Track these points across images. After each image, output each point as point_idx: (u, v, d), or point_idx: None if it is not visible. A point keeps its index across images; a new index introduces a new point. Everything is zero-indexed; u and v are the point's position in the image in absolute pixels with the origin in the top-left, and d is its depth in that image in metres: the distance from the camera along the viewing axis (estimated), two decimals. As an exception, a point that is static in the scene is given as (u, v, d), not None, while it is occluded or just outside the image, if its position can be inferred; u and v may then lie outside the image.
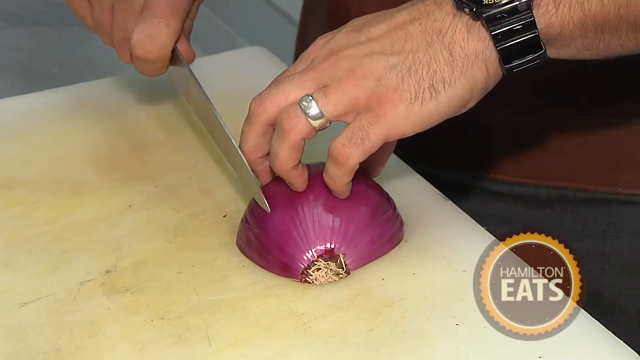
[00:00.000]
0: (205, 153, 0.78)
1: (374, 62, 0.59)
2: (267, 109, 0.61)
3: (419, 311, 0.59)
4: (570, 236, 0.80)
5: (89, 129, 0.82)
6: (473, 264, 0.61)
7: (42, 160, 0.77)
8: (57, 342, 0.58)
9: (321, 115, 0.59)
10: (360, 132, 0.59)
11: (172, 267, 0.64)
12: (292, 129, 0.60)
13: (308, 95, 0.59)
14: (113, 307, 0.61)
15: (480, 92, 0.60)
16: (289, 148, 0.60)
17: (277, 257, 0.62)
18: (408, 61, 0.59)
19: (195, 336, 0.58)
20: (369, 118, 0.59)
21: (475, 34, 0.59)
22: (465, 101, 0.60)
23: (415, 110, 0.58)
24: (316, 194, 0.63)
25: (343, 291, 0.61)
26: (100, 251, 0.66)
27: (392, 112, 0.58)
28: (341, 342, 0.57)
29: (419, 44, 0.59)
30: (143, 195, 0.72)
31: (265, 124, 0.61)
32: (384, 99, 0.58)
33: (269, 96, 0.61)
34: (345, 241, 0.62)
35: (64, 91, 0.88)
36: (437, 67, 0.58)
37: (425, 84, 0.58)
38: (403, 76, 0.58)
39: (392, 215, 0.65)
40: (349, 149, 0.59)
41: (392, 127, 0.59)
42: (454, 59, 0.58)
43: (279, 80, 0.62)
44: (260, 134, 0.62)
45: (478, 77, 0.59)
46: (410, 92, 0.58)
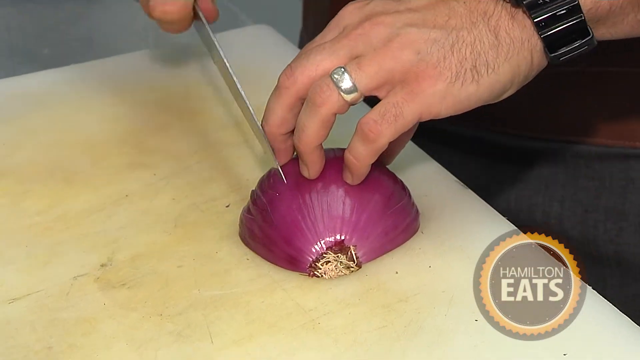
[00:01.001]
0: (207, 139, 0.78)
1: (413, 34, 0.59)
2: (297, 81, 0.60)
3: (436, 306, 0.59)
4: (586, 193, 0.80)
5: (82, 113, 0.82)
6: (494, 256, 0.61)
7: (32, 147, 0.77)
8: (49, 341, 0.58)
9: (354, 89, 0.59)
10: (393, 108, 0.58)
11: (171, 260, 0.64)
12: (323, 103, 0.59)
13: (340, 68, 0.59)
14: (108, 303, 0.61)
15: (521, 81, 0.60)
16: (318, 123, 0.60)
17: (284, 249, 0.62)
18: (451, 38, 0.58)
19: (196, 333, 0.58)
20: (404, 94, 0.58)
21: (520, 21, 0.59)
22: (505, 89, 0.60)
23: (454, 90, 0.58)
24: (325, 181, 0.63)
25: (354, 285, 0.61)
26: (94, 244, 0.66)
27: (429, 89, 0.58)
28: (352, 339, 0.57)
29: (464, 22, 0.59)
30: (140, 184, 0.72)
31: (294, 97, 0.61)
32: (423, 75, 0.58)
33: (298, 67, 0.61)
34: (356, 232, 0.62)
35: (56, 73, 0.88)
36: (481, 49, 0.58)
37: (468, 64, 0.58)
38: (445, 53, 0.58)
39: (407, 205, 0.65)
40: (381, 125, 0.58)
41: (428, 106, 0.58)
42: (500, 44, 0.58)
43: (308, 50, 0.61)
44: (288, 108, 0.62)
45: (522, 66, 0.59)
46: (451, 70, 0.58)
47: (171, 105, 0.83)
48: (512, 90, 0.60)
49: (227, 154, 0.76)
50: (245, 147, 0.77)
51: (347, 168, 0.62)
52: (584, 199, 0.81)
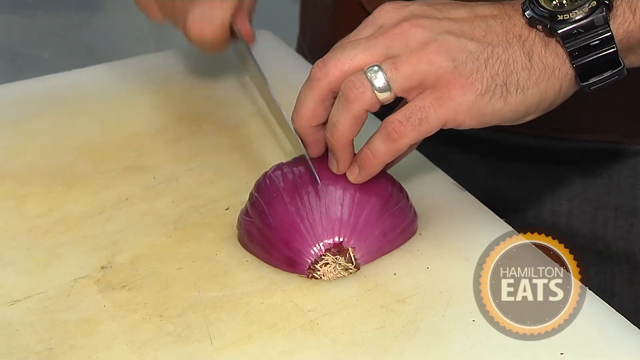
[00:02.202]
0: (206, 142, 0.78)
1: (451, 41, 0.59)
2: (330, 73, 0.61)
3: (433, 307, 0.59)
4: (595, 191, 0.80)
5: (83, 118, 0.82)
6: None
7: (33, 151, 0.78)
8: (50, 342, 0.58)
9: (388, 88, 0.59)
10: (420, 112, 0.59)
11: (171, 262, 0.65)
12: (356, 99, 0.59)
13: (375, 65, 0.59)
14: (109, 304, 0.61)
15: (545, 107, 0.61)
16: (351, 119, 0.60)
17: (282, 251, 0.63)
18: (486, 52, 0.59)
19: (196, 334, 0.58)
20: (433, 99, 0.59)
21: (552, 49, 0.60)
22: (528, 112, 0.60)
23: (482, 103, 0.59)
24: (323, 183, 0.63)
25: (353, 286, 0.62)
26: (94, 246, 0.66)
27: (458, 98, 0.59)
28: (350, 340, 0.57)
29: (500, 40, 0.60)
30: (140, 186, 0.73)
31: (326, 89, 0.61)
32: (454, 83, 0.59)
33: (332, 59, 0.61)
34: (354, 234, 0.63)
35: (57, 78, 0.89)
36: (514, 69, 0.59)
37: (499, 80, 0.59)
38: (479, 66, 0.59)
39: (405, 207, 0.65)
40: (405, 127, 0.59)
41: (454, 114, 0.59)
42: (532, 67, 0.59)
43: (342, 44, 0.62)
44: (319, 100, 0.62)
45: (549, 93, 0.60)
46: (482, 83, 0.59)
47: (171, 109, 0.84)
48: (534, 115, 0.61)
49: (227, 157, 0.76)
50: (244, 151, 0.77)
51: (358, 163, 0.62)
52: (593, 196, 0.82)
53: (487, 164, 0.84)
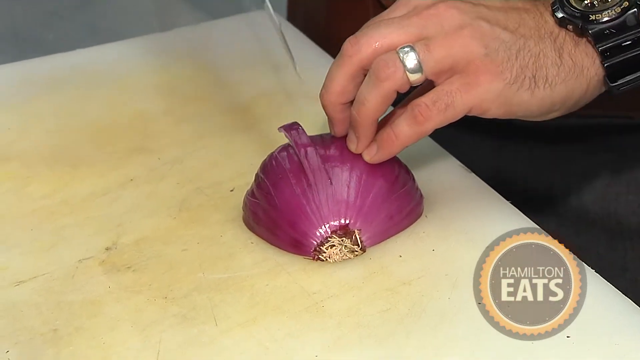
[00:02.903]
0: (211, 123, 0.78)
1: (485, 28, 0.59)
2: (362, 50, 0.60)
3: (439, 290, 0.59)
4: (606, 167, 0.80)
5: (87, 99, 0.82)
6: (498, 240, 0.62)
7: (37, 132, 0.78)
8: (55, 323, 0.58)
9: (419, 70, 0.59)
10: (446, 97, 0.59)
11: (176, 244, 0.65)
12: (387, 78, 0.59)
13: (407, 46, 0.59)
14: (113, 286, 0.61)
15: (570, 106, 0.61)
16: (379, 97, 0.60)
17: (288, 233, 0.63)
18: (519, 44, 0.59)
19: (201, 316, 0.58)
20: (460, 85, 0.59)
21: (582, 49, 0.60)
22: (553, 108, 0.61)
23: (509, 92, 0.59)
24: (330, 165, 0.63)
25: (358, 269, 0.61)
26: (99, 227, 0.66)
27: (486, 85, 0.59)
28: (356, 322, 0.57)
29: (532, 34, 0.60)
30: (145, 168, 0.73)
31: (356, 66, 0.61)
32: (483, 70, 0.59)
33: (364, 37, 0.60)
34: (360, 216, 0.63)
35: (61, 58, 0.88)
36: (543, 63, 0.59)
37: (528, 72, 0.59)
38: (510, 55, 0.59)
39: (411, 189, 0.65)
40: (431, 111, 0.59)
41: (480, 100, 0.59)
42: (562, 64, 0.60)
43: (375, 22, 0.61)
44: (350, 77, 0.61)
45: (576, 92, 0.60)
46: (511, 73, 0.59)
47: (176, 90, 0.83)
48: (558, 113, 0.61)
49: (232, 139, 0.76)
50: (250, 132, 0.77)
51: (378, 143, 0.62)
52: (604, 172, 0.82)
53: (493, 142, 0.84)
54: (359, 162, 0.63)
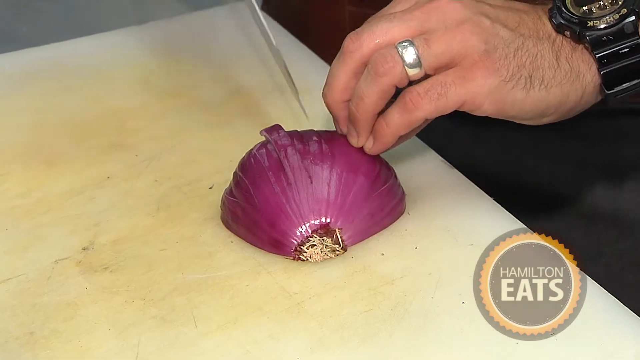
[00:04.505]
0: (189, 119, 0.78)
1: (486, 23, 0.59)
2: (363, 46, 0.60)
3: (422, 289, 0.59)
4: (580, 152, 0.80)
5: (62, 94, 0.82)
6: (480, 237, 0.61)
7: (11, 128, 0.77)
8: (30, 326, 0.58)
9: (418, 64, 0.59)
10: (440, 87, 0.59)
11: (154, 243, 0.64)
12: (385, 73, 0.59)
13: (406, 41, 0.59)
14: (90, 287, 0.60)
15: (564, 112, 0.61)
16: (378, 92, 0.60)
17: (268, 232, 0.62)
18: (517, 42, 0.59)
19: (180, 318, 0.58)
20: (455, 77, 0.59)
21: (579, 55, 0.60)
22: (548, 111, 0.61)
23: (503, 90, 0.59)
24: (309, 163, 0.63)
25: (340, 268, 0.61)
26: (76, 227, 0.66)
27: (481, 80, 0.59)
28: (338, 323, 0.57)
29: (531, 34, 0.60)
30: (122, 165, 0.72)
31: (359, 62, 0.61)
32: (480, 65, 0.59)
33: (366, 32, 0.60)
34: (341, 215, 0.62)
35: (35, 52, 0.88)
36: (540, 64, 0.59)
37: (525, 72, 0.59)
38: (507, 53, 0.59)
39: (393, 186, 0.65)
40: (423, 99, 0.59)
41: (473, 95, 0.59)
42: (559, 67, 0.60)
43: (376, 18, 0.61)
44: (352, 74, 0.61)
45: (571, 97, 0.60)
46: (508, 70, 0.59)
47: (152, 85, 0.83)
48: (551, 118, 0.61)
49: (210, 135, 0.75)
50: (229, 128, 0.76)
51: (373, 134, 0.62)
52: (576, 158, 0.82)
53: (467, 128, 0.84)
54: (339, 160, 0.63)
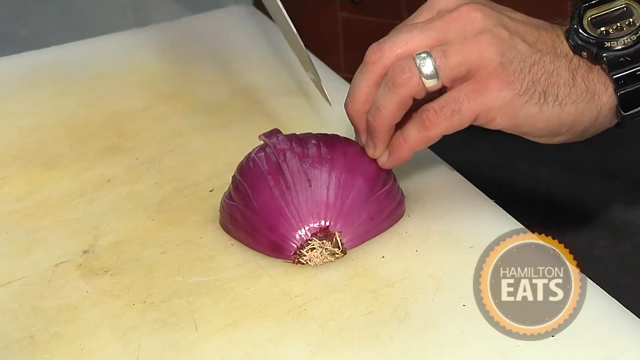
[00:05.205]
0: (189, 121, 0.78)
1: (504, 36, 0.59)
2: (385, 57, 0.61)
3: (423, 291, 0.59)
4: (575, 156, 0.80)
5: (62, 96, 0.81)
6: (481, 240, 0.61)
7: (10, 131, 0.77)
8: (31, 329, 0.58)
9: (435, 76, 0.59)
10: (454, 103, 0.59)
11: (154, 246, 0.64)
12: (402, 84, 0.59)
13: (424, 52, 0.59)
14: (91, 290, 0.60)
15: (578, 132, 0.61)
16: (396, 104, 0.60)
17: (267, 236, 0.62)
18: (534, 57, 0.60)
19: (181, 321, 0.58)
20: (468, 91, 0.59)
21: (595, 75, 0.60)
22: (561, 130, 0.61)
23: (516, 104, 0.59)
24: (308, 166, 0.63)
25: (340, 271, 0.61)
26: (76, 230, 0.66)
27: (495, 92, 0.59)
28: (339, 325, 0.57)
29: (549, 50, 0.60)
30: (122, 168, 0.72)
31: (381, 73, 0.61)
32: (494, 77, 0.59)
33: (387, 43, 0.61)
34: (340, 218, 0.62)
35: (35, 55, 0.87)
36: (556, 81, 0.59)
37: (539, 87, 0.59)
38: (523, 67, 0.59)
39: (392, 189, 0.65)
40: (439, 117, 0.59)
41: (487, 108, 0.59)
42: (574, 85, 0.60)
43: (399, 29, 0.62)
44: (374, 84, 0.61)
45: (585, 117, 0.60)
46: (522, 84, 0.59)
47: (153, 87, 0.83)
48: (564, 137, 0.61)
49: (210, 137, 0.75)
50: (228, 130, 0.76)
51: (389, 148, 0.62)
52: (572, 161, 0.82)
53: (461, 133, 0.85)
54: (338, 164, 0.63)
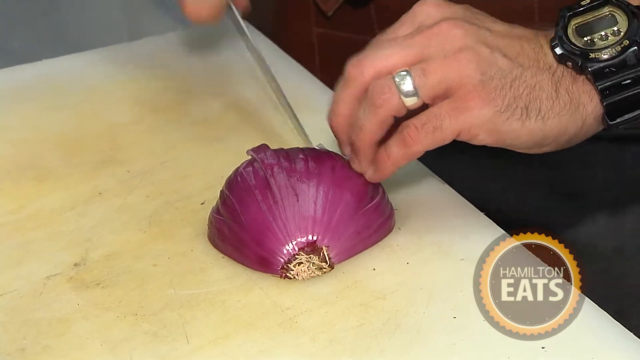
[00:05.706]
0: (181, 134, 0.78)
1: (485, 53, 0.59)
2: (364, 73, 0.61)
3: (414, 304, 0.59)
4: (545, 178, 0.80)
5: (54, 109, 0.82)
6: (471, 252, 0.61)
7: (2, 144, 0.77)
8: (22, 342, 0.57)
9: (415, 94, 0.59)
10: (435, 120, 0.59)
11: (146, 259, 0.64)
12: (382, 104, 0.60)
13: (404, 70, 0.59)
14: (82, 303, 0.60)
15: (563, 142, 0.61)
16: (376, 123, 0.60)
17: (255, 251, 0.62)
18: (515, 72, 0.59)
19: (172, 334, 0.58)
20: (449, 109, 0.59)
21: (580, 86, 0.60)
22: (545, 141, 0.60)
23: (498, 120, 0.59)
24: (295, 181, 0.63)
25: (331, 283, 0.61)
26: (67, 243, 0.66)
27: (475, 110, 0.59)
28: (329, 338, 0.57)
29: (531, 64, 0.60)
30: (114, 181, 0.72)
31: (361, 88, 0.61)
32: (474, 95, 0.59)
33: (366, 58, 0.61)
34: (328, 232, 0.62)
35: (27, 68, 0.88)
36: (538, 95, 0.59)
37: (521, 102, 0.59)
38: (504, 84, 0.59)
39: (381, 203, 0.65)
40: (420, 134, 0.59)
41: (469, 126, 0.59)
42: (557, 98, 0.60)
43: (378, 43, 0.62)
44: (355, 99, 0.62)
45: (570, 128, 0.60)
46: (503, 101, 0.59)
47: (145, 100, 0.83)
48: (550, 147, 0.61)
49: (203, 150, 0.76)
50: (220, 143, 0.76)
51: (374, 163, 0.63)
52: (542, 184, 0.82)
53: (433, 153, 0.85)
54: (325, 178, 0.63)
